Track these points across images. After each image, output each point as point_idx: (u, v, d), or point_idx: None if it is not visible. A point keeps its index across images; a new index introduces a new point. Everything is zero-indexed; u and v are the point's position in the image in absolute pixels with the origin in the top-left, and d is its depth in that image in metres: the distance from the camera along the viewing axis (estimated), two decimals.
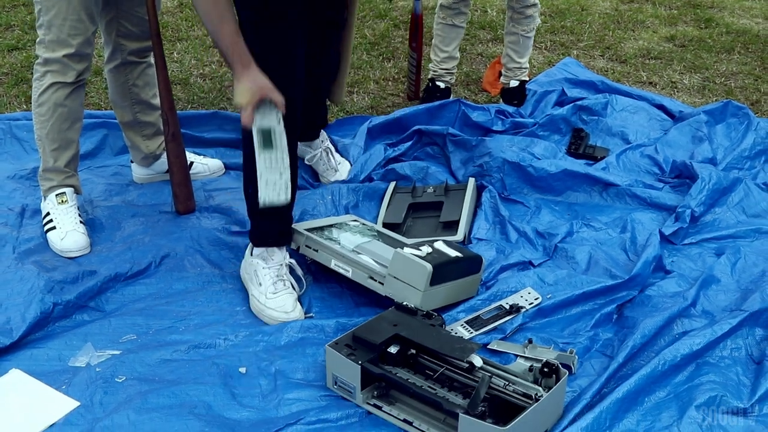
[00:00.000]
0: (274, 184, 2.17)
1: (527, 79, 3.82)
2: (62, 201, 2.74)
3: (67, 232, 2.68)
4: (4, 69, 4.13)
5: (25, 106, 3.68)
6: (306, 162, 3.16)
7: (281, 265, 2.51)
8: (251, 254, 2.56)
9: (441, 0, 3.64)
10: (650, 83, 4.26)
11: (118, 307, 2.48)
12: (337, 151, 3.25)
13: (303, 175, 3.14)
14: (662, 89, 4.18)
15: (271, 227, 2.54)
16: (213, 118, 3.44)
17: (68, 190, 2.77)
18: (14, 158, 3.29)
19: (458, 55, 3.81)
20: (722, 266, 2.65)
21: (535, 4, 3.61)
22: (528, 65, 3.80)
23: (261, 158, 2.16)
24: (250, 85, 2.13)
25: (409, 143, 3.33)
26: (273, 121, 2.17)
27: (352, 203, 2.98)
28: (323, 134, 3.20)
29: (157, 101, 2.92)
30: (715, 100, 4.01)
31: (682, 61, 4.57)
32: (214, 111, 3.50)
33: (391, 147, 3.31)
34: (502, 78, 3.84)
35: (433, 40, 3.77)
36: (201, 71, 4.18)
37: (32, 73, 2.73)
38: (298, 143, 2.94)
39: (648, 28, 5.14)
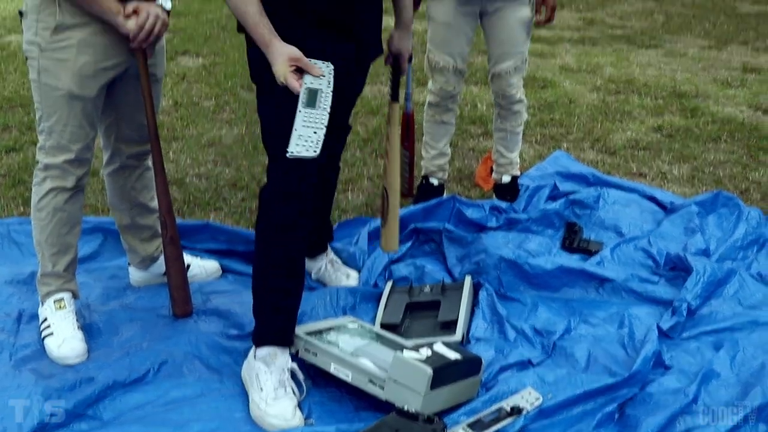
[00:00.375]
0: (307, 139, 2.12)
1: (519, 173, 3.87)
2: (60, 306, 2.74)
3: (65, 339, 2.67)
4: (1, 171, 4.18)
5: (22, 209, 3.71)
6: (312, 277, 3.19)
7: (283, 369, 2.49)
8: (254, 357, 2.54)
9: (429, 98, 3.71)
10: (640, 174, 4.32)
11: (116, 415, 2.45)
12: (344, 262, 3.27)
13: None
14: (652, 180, 4.24)
15: (275, 325, 2.54)
16: (205, 229, 3.45)
17: (66, 295, 2.77)
18: (12, 262, 3.29)
19: (449, 151, 3.86)
20: (721, 360, 2.64)
21: (521, 101, 3.68)
22: (518, 160, 3.86)
23: (300, 114, 2.15)
24: (277, 57, 2.23)
25: (408, 243, 3.36)
26: (323, 83, 2.21)
27: (350, 305, 2.99)
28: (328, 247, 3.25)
29: (155, 204, 2.95)
30: (705, 189, 4.07)
31: (671, 151, 4.64)
32: (205, 222, 3.51)
33: None
34: (494, 174, 3.89)
35: (423, 138, 3.83)
36: (197, 171, 4.23)
37: (30, 175, 2.75)
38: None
39: (635, 118, 5.24)
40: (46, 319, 2.73)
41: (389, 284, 3.09)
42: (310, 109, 2.17)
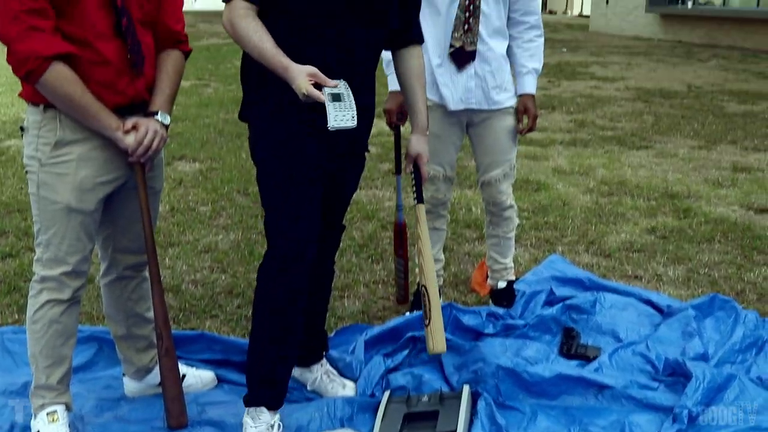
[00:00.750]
0: (343, 116, 2.30)
1: (514, 278, 3.88)
2: (53, 420, 2.70)
3: None
4: None
5: (17, 316, 3.69)
6: (308, 389, 3.16)
7: (269, 425, 2.62)
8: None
9: None
10: (636, 277, 4.34)
11: None
12: (340, 372, 3.24)
13: (295, 386, 3.12)
14: (648, 282, 4.25)
15: (265, 393, 2.74)
16: (200, 339, 3.43)
17: (59, 408, 2.73)
18: (5, 372, 3.26)
19: (443, 257, 3.88)
20: None
21: (512, 206, 3.72)
22: (513, 264, 3.87)
23: (331, 106, 2.31)
24: (296, 75, 2.37)
25: (405, 351, 3.34)
26: (341, 89, 2.37)
27: (347, 416, 2.94)
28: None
29: (151, 314, 2.94)
30: (701, 291, 4.08)
31: (665, 252, 4.67)
32: (201, 332, 3.49)
33: (388, 357, 3.31)
34: (489, 280, 3.90)
35: (416, 245, 3.84)
36: (193, 277, 4.23)
37: (25, 281, 2.75)
38: (299, 369, 3.15)
39: (629, 220, 5.28)
40: None
41: (386, 394, 3.06)
42: (337, 103, 2.33)
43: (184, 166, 6.67)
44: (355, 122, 2.31)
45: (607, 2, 26.27)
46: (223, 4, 2.53)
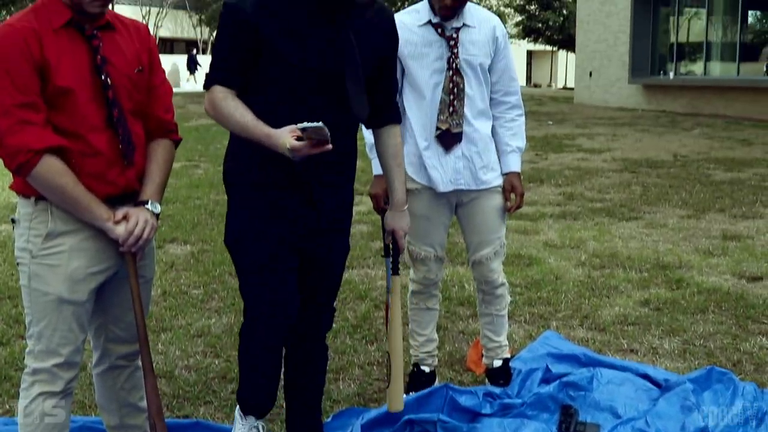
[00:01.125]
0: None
1: (509, 356, 3.86)
2: None
3: None
4: None
5: (8, 406, 3.64)
6: None
7: (252, 427, 2.98)
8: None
9: (412, 287, 3.75)
10: (631, 350, 4.32)
11: None
12: None
13: None
14: (644, 356, 4.23)
15: (253, 396, 3.06)
16: (194, 428, 3.38)
17: None
18: None
19: (436, 336, 3.86)
20: None
21: (503, 284, 3.72)
22: (507, 342, 3.85)
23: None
24: (279, 136, 2.53)
25: None
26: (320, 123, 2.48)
27: None
28: None
29: (144, 404, 2.91)
30: (698, 363, 4.06)
31: (660, 325, 4.66)
32: (195, 420, 3.45)
33: None
34: (484, 359, 3.87)
35: (410, 326, 3.83)
36: (186, 363, 4.19)
37: (15, 370, 2.72)
38: None
39: (622, 293, 5.29)
40: None
41: None
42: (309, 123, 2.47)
43: (175, 249, 6.67)
44: (327, 136, 2.45)
45: (591, 74, 26.73)
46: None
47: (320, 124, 2.43)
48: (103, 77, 2.52)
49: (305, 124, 2.45)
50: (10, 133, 2.38)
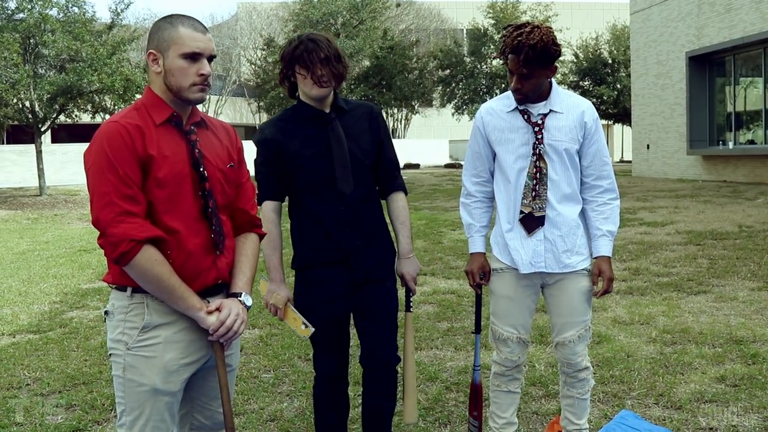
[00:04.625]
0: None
1: None
2: None
3: None
4: None
5: None
6: None
7: None
8: None
9: (494, 368, 3.74)
10: (710, 429, 4.22)
11: None
12: None
13: None
14: None
15: None
16: None
17: None
18: None
19: (516, 420, 3.82)
20: None
21: (587, 368, 3.69)
22: (587, 425, 3.80)
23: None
24: (275, 288, 3.47)
25: None
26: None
27: None
28: None
29: None
30: None
31: (738, 401, 4.55)
32: None
33: None
34: None
35: (490, 407, 3.81)
36: None
37: None
38: None
39: (696, 369, 5.18)
40: None
41: None
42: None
43: (244, 333, 6.72)
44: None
45: (648, 147, 26.61)
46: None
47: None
48: (201, 170, 2.64)
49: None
50: (113, 224, 2.49)
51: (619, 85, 37.36)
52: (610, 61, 37.98)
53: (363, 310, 3.53)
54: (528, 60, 3.34)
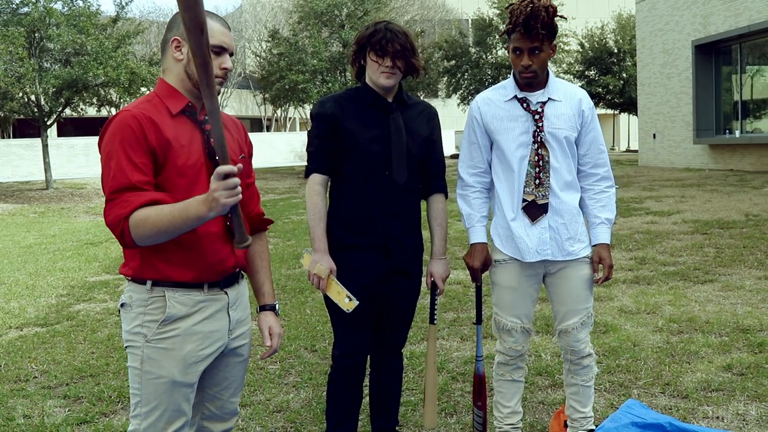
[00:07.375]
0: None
1: (594, 427, 3.80)
2: None
3: None
4: None
5: None
6: None
7: None
8: None
9: (498, 358, 3.74)
10: (717, 418, 4.21)
11: None
12: None
13: None
14: (731, 423, 4.12)
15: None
16: None
17: None
18: None
19: (521, 409, 3.83)
20: None
21: (590, 355, 3.70)
22: (593, 413, 3.80)
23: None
24: (319, 258, 3.43)
25: None
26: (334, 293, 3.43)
27: None
28: None
29: None
30: None
31: (745, 390, 4.55)
32: None
33: None
34: (568, 429, 3.82)
35: (494, 397, 3.82)
36: None
37: None
38: None
39: (703, 358, 5.18)
40: None
41: None
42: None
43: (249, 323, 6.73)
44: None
45: (654, 136, 26.55)
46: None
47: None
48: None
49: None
50: (108, 211, 2.49)
51: (625, 75, 37.20)
52: (615, 51, 37.80)
53: (386, 298, 3.56)
54: (543, 25, 3.35)
